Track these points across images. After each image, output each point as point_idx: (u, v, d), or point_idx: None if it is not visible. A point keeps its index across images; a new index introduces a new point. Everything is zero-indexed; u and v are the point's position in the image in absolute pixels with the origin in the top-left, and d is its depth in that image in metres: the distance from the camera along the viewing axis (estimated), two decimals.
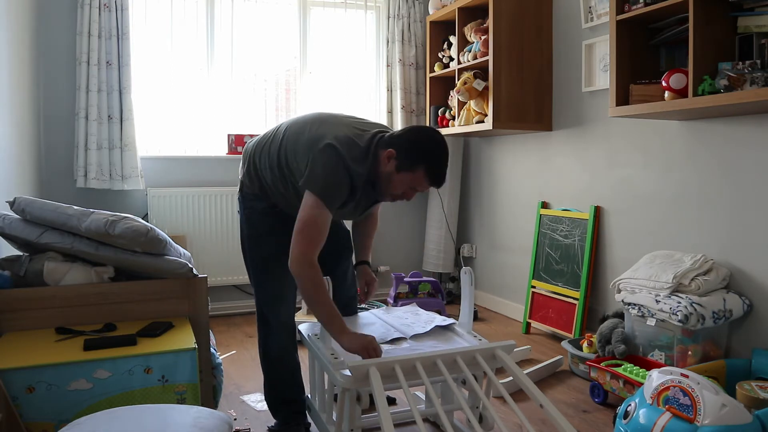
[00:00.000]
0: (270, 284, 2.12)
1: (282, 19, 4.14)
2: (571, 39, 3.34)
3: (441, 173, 1.89)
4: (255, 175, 2.11)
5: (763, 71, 2.10)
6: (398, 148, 1.88)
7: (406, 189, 1.92)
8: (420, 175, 1.87)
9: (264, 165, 2.07)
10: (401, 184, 1.91)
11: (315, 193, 1.84)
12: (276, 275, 2.10)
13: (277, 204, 2.11)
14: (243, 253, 2.20)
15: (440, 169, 1.88)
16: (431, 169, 1.87)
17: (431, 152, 1.87)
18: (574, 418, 2.33)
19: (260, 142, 2.13)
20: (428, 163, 1.86)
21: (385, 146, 1.90)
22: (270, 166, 2.04)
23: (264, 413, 2.37)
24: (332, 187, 1.85)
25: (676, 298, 2.35)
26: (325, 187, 1.84)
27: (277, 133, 2.08)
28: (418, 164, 1.86)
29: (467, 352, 1.80)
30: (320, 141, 1.88)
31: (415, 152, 1.86)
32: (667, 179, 2.77)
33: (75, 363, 1.72)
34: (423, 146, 1.87)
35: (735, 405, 1.71)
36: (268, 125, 4.16)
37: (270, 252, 2.10)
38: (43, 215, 2.11)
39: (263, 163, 2.07)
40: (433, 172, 1.87)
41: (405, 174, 1.88)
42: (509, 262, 3.90)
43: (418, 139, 1.88)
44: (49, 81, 3.60)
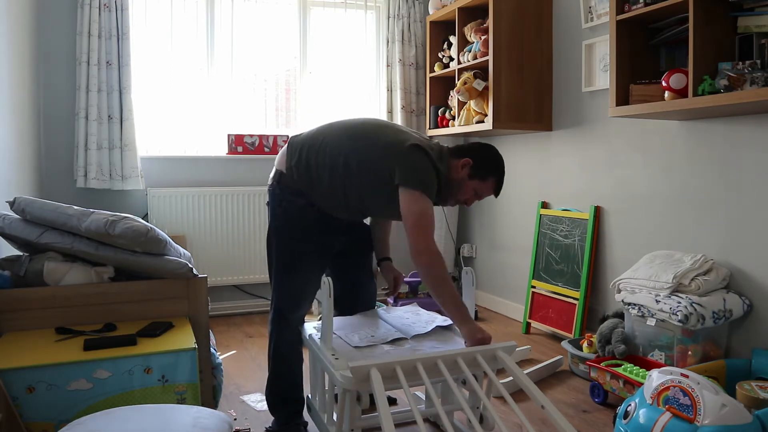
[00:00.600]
0: (296, 281, 2.14)
1: (282, 19, 4.14)
2: (571, 39, 3.34)
3: (501, 186, 2.17)
4: (306, 171, 2.10)
5: (763, 71, 2.10)
6: (474, 159, 2.10)
7: (471, 195, 2.13)
8: (489, 184, 2.12)
9: (322, 163, 2.08)
10: (470, 190, 2.11)
11: (415, 187, 1.94)
12: (304, 273, 2.13)
13: (318, 202, 2.13)
14: (268, 245, 2.18)
15: (501, 182, 2.16)
16: (498, 181, 2.14)
17: (500, 167, 2.15)
18: (574, 418, 2.33)
19: (315, 139, 2.13)
20: (497, 176, 2.13)
21: (458, 156, 2.11)
22: (331, 166, 2.06)
23: (264, 413, 2.37)
24: (428, 180, 1.99)
25: (676, 298, 2.35)
26: (423, 180, 1.97)
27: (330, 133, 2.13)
28: (490, 175, 2.11)
29: (468, 353, 1.80)
30: (404, 143, 2.01)
31: (489, 165, 2.12)
32: (667, 179, 2.77)
33: (75, 363, 1.72)
34: (495, 161, 2.14)
35: (735, 405, 1.71)
36: (268, 125, 4.16)
37: (303, 249, 2.13)
38: (43, 215, 2.11)
39: (321, 161, 2.08)
40: (499, 184, 2.15)
41: (476, 182, 2.10)
42: (509, 262, 3.90)
43: (491, 155, 2.14)
44: (49, 81, 3.60)
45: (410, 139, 2.03)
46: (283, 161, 2.17)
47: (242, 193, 3.90)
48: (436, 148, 2.10)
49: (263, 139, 3.97)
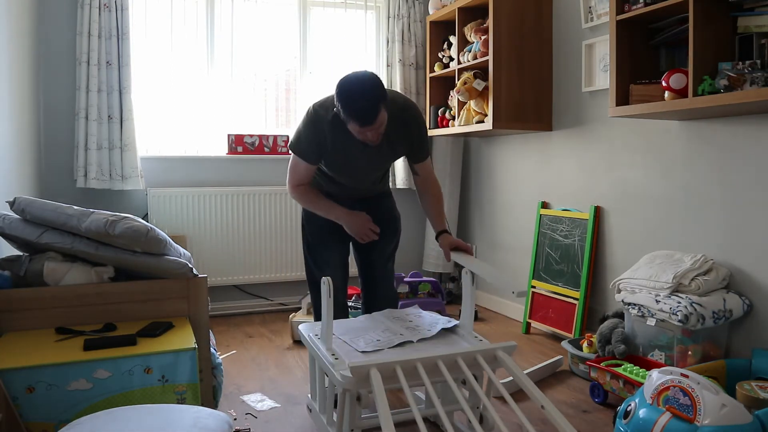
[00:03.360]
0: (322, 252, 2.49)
1: (282, 19, 4.14)
2: (571, 39, 3.34)
3: (362, 116, 2.01)
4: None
5: (763, 71, 2.10)
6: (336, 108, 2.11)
7: (360, 135, 2.11)
8: (351, 125, 2.07)
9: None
10: (354, 133, 2.12)
11: (289, 147, 2.32)
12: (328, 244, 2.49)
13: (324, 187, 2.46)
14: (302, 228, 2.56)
15: (359, 113, 2.01)
16: (353, 118, 2.03)
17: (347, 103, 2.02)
18: (574, 418, 2.33)
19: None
20: (348, 114, 2.03)
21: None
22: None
23: (264, 413, 2.37)
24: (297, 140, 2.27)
25: (676, 298, 2.35)
26: (293, 140, 2.28)
27: None
28: (346, 118, 2.06)
29: (468, 353, 1.80)
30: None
31: (340, 108, 2.06)
32: (667, 179, 2.77)
33: (75, 363, 1.72)
34: (340, 100, 2.04)
35: (735, 405, 1.71)
36: (268, 125, 4.16)
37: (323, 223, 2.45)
38: (43, 215, 2.11)
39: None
40: (356, 119, 2.02)
41: (348, 126, 2.10)
42: (509, 262, 3.90)
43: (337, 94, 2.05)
44: (49, 81, 3.60)
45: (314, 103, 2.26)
46: None
47: (242, 193, 3.90)
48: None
49: (263, 139, 3.97)
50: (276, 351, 3.19)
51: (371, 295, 2.59)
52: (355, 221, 2.34)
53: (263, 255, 3.96)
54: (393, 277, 2.64)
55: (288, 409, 2.41)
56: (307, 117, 2.24)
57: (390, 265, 2.61)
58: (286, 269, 4.03)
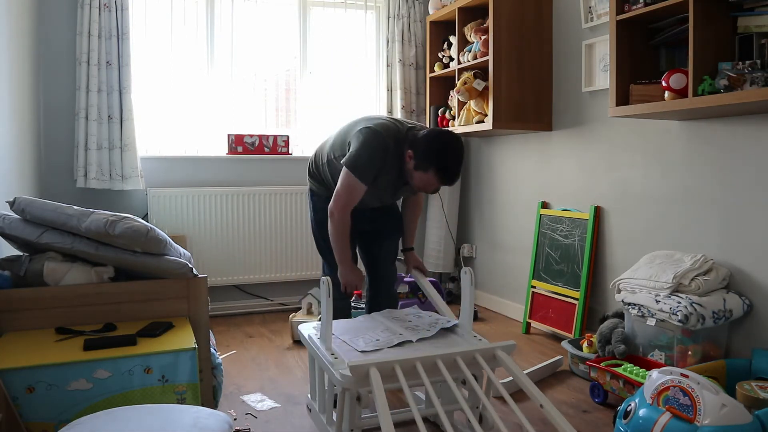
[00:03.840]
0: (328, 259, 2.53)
1: (282, 19, 4.14)
2: (571, 39, 3.34)
3: (450, 175, 2.16)
4: (315, 170, 2.52)
5: (763, 71, 2.10)
6: (415, 150, 2.18)
7: (424, 185, 2.23)
8: (431, 176, 2.17)
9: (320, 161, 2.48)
10: (419, 180, 2.21)
11: (347, 166, 2.22)
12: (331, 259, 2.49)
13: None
14: (313, 232, 2.60)
15: (449, 171, 2.15)
16: (441, 171, 2.15)
17: (442, 156, 2.14)
18: (574, 418, 2.33)
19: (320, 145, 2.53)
20: (438, 166, 2.14)
21: (409, 145, 2.22)
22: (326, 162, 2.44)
23: (264, 413, 2.37)
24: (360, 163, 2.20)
25: (676, 298, 2.35)
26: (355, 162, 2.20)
27: (330, 136, 2.49)
28: (429, 166, 2.15)
29: (467, 353, 1.80)
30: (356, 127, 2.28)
31: (428, 155, 2.15)
32: (667, 179, 2.77)
33: (75, 363, 1.72)
34: (435, 150, 2.14)
35: (735, 405, 1.71)
36: (268, 125, 4.16)
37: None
38: (43, 215, 2.11)
39: (320, 159, 2.48)
40: (442, 174, 2.15)
41: (420, 173, 2.19)
42: (509, 262, 3.90)
43: (432, 143, 2.15)
44: (49, 81, 3.60)
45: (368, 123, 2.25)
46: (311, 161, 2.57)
47: (242, 193, 3.90)
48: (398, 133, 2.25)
49: (263, 139, 3.97)
50: (276, 351, 3.19)
51: (375, 294, 2.65)
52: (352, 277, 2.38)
53: (263, 255, 3.96)
54: (395, 278, 2.69)
55: (288, 409, 2.41)
56: (375, 141, 2.20)
57: (393, 267, 2.67)
58: (286, 269, 4.03)
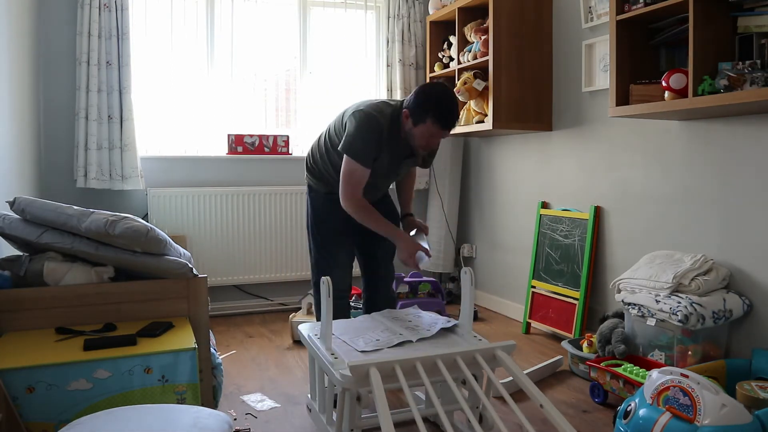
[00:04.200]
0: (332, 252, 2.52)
1: (282, 19, 4.14)
2: (571, 39, 3.34)
3: (448, 118, 2.18)
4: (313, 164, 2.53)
5: (763, 71, 2.10)
6: (410, 107, 2.23)
7: (426, 139, 2.25)
8: (429, 124, 2.19)
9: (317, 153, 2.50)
10: (420, 136, 2.24)
11: (346, 152, 2.26)
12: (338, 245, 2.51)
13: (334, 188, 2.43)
14: (307, 230, 2.61)
15: (446, 114, 2.17)
16: (438, 117, 2.17)
17: (435, 102, 2.17)
18: (574, 418, 2.33)
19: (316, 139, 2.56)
20: (434, 112, 2.17)
21: (405, 106, 2.26)
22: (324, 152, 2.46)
23: (264, 413, 2.37)
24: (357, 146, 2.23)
25: (676, 298, 2.35)
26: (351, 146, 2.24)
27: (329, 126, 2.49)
28: (426, 116, 2.18)
29: (467, 353, 1.80)
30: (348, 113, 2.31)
31: (422, 106, 2.18)
32: (667, 179, 2.77)
33: (75, 363, 1.72)
34: (428, 99, 2.17)
35: (735, 405, 1.71)
36: (268, 125, 4.17)
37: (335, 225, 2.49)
38: (43, 215, 2.11)
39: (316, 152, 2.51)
40: (440, 119, 2.17)
41: (420, 127, 2.21)
42: (509, 262, 3.90)
43: (423, 94, 2.19)
44: (49, 81, 3.60)
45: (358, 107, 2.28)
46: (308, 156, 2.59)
47: (242, 193, 3.90)
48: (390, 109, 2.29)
49: (263, 139, 3.97)
50: (276, 351, 3.19)
51: (373, 294, 2.66)
52: (411, 247, 2.31)
53: (263, 255, 3.96)
54: (393, 278, 2.70)
55: (288, 409, 2.41)
56: (365, 121, 2.24)
57: (391, 267, 2.68)
58: (286, 269, 4.03)
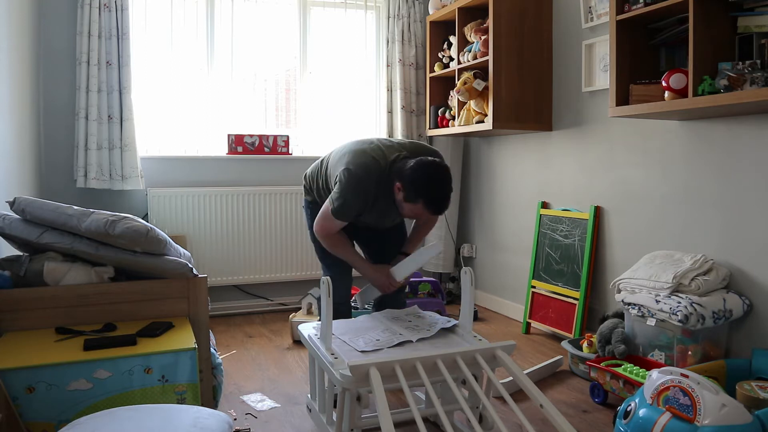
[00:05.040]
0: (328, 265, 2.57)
1: (282, 19, 4.14)
2: (571, 39, 3.34)
3: (438, 205, 2.19)
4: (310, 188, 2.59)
5: (763, 71, 2.10)
6: (403, 183, 2.20)
7: (415, 216, 2.29)
8: (419, 207, 2.19)
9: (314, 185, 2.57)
10: (410, 211, 2.25)
11: (330, 204, 2.30)
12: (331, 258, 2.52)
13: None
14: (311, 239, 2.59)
15: (437, 202, 2.18)
16: (429, 203, 2.18)
17: (429, 188, 2.16)
18: (574, 418, 2.33)
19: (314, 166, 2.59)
20: (426, 198, 2.17)
21: (397, 178, 2.23)
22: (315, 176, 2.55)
23: (264, 413, 2.37)
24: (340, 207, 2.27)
25: (676, 298, 2.35)
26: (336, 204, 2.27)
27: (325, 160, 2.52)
28: (418, 198, 2.18)
29: (467, 353, 1.80)
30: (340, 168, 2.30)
31: (415, 188, 2.17)
32: (667, 179, 2.77)
33: (75, 363, 1.72)
34: (422, 183, 2.16)
35: (735, 405, 1.71)
36: (268, 125, 4.17)
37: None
38: (43, 215, 2.11)
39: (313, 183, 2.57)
40: (430, 205, 2.18)
41: (409, 204, 2.22)
42: (509, 262, 3.90)
43: (418, 176, 2.17)
44: (49, 81, 3.60)
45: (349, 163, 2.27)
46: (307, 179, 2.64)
47: (242, 193, 3.90)
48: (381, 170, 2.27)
49: (263, 139, 3.97)
50: (276, 351, 3.19)
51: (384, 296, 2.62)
52: (379, 277, 2.39)
53: (263, 255, 3.96)
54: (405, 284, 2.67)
55: (288, 409, 2.41)
56: (354, 183, 2.25)
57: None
58: (286, 269, 4.03)
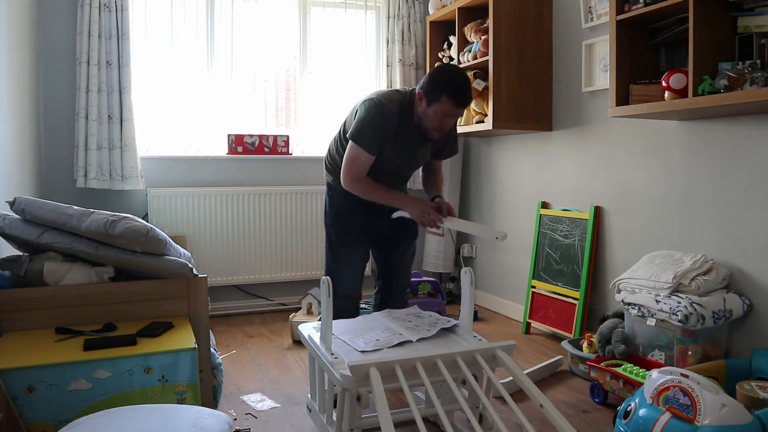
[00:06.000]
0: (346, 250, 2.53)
1: (282, 19, 4.14)
2: (571, 39, 3.34)
3: (462, 95, 2.21)
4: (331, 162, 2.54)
5: (763, 71, 2.10)
6: (424, 87, 2.25)
7: (439, 119, 2.27)
8: (444, 101, 2.21)
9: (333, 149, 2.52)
10: (435, 116, 2.26)
11: (351, 138, 2.29)
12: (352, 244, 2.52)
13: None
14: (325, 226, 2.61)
15: (460, 91, 2.21)
16: (452, 94, 2.20)
17: (448, 80, 2.21)
18: (574, 418, 2.33)
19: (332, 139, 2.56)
20: (448, 90, 2.20)
21: (419, 88, 2.28)
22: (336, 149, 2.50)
23: (264, 413, 2.37)
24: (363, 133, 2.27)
25: (676, 298, 2.35)
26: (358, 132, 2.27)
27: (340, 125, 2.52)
28: (440, 94, 2.20)
29: (467, 353, 1.80)
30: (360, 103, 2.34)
31: (436, 85, 2.21)
32: (667, 179, 2.77)
33: (75, 363, 1.72)
34: (441, 78, 2.21)
35: (735, 405, 1.71)
36: (268, 125, 4.17)
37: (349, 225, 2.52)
38: (43, 215, 2.11)
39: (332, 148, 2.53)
40: (454, 96, 2.20)
41: (434, 106, 2.24)
42: (509, 262, 3.90)
43: (436, 74, 2.22)
44: (49, 81, 3.60)
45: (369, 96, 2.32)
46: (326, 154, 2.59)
47: (242, 193, 3.90)
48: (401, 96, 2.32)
49: (263, 139, 3.97)
50: (276, 351, 3.19)
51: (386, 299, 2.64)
52: (423, 209, 2.31)
53: (263, 255, 3.96)
54: (408, 284, 2.69)
55: (288, 409, 2.41)
56: (375, 109, 2.27)
57: (407, 272, 2.68)
58: (286, 269, 4.03)
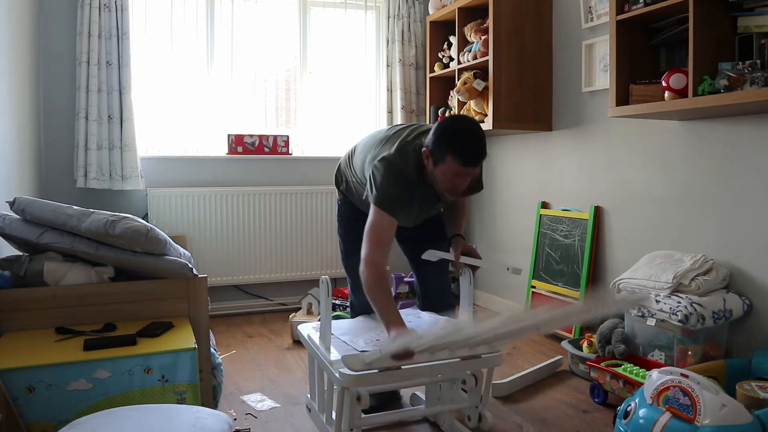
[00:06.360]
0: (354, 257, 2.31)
1: (282, 19, 4.14)
2: (571, 39, 3.34)
3: (470, 153, 1.94)
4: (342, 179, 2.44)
5: (763, 71, 2.10)
6: (429, 146, 2.00)
7: (450, 180, 2.00)
8: (449, 162, 1.94)
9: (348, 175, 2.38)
10: (443, 177, 1.99)
11: (374, 202, 2.03)
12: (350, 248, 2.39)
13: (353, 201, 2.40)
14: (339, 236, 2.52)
15: (467, 149, 1.94)
16: (458, 153, 1.93)
17: (453, 137, 1.95)
18: (574, 418, 2.32)
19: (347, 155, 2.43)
20: (453, 149, 1.93)
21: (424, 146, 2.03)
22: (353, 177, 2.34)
23: (264, 413, 2.37)
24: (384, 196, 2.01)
25: (676, 298, 2.35)
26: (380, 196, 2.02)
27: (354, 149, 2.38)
28: (446, 153, 1.94)
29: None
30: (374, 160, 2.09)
31: (439, 143, 1.96)
32: (667, 179, 2.77)
33: (75, 363, 1.72)
34: (445, 135, 1.96)
35: (735, 405, 1.71)
36: (268, 125, 4.17)
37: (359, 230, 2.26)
38: (42, 215, 2.11)
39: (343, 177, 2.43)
40: (460, 155, 1.93)
41: (440, 167, 1.97)
42: (509, 262, 3.90)
43: (440, 130, 1.97)
44: (49, 81, 3.60)
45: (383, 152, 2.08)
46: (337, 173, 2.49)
47: (242, 193, 3.90)
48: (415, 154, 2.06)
49: (263, 139, 3.97)
50: (276, 351, 3.19)
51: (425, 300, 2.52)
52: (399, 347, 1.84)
53: (263, 255, 3.96)
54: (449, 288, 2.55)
55: (288, 409, 2.41)
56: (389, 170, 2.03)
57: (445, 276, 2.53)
58: (286, 269, 4.03)
